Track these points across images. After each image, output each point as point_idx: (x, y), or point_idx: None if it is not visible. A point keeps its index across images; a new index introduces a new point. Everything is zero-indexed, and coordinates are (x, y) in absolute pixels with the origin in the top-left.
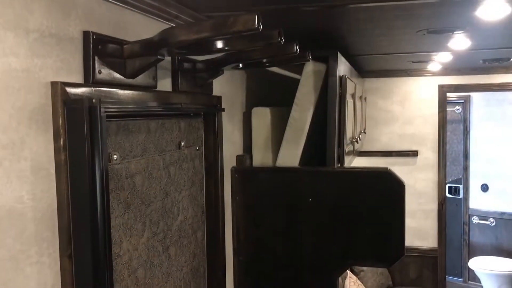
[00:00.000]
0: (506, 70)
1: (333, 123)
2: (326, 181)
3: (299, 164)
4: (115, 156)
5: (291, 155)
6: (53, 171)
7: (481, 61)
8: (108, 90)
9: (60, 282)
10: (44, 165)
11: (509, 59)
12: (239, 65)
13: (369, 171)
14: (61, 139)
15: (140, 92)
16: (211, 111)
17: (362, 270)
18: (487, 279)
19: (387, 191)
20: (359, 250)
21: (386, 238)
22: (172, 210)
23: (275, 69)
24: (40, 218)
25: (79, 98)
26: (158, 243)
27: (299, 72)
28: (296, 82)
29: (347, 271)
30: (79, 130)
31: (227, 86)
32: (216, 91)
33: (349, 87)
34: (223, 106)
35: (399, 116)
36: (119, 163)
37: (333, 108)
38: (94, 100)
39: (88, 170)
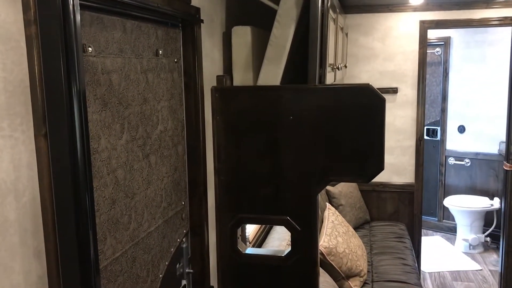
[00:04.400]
0: (486, 5)
1: (315, 40)
2: (307, 99)
3: (281, 83)
4: (90, 48)
5: (272, 74)
6: (23, 45)
7: None
8: None
9: (35, 161)
10: (13, 36)
11: None
12: None
13: (350, 87)
14: (31, 11)
15: None
16: (190, 19)
17: (341, 204)
18: (460, 216)
19: (368, 106)
20: (339, 165)
21: (366, 153)
22: (152, 118)
23: None
24: (11, 91)
25: None
26: (137, 148)
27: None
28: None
29: (327, 203)
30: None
31: (206, 0)
32: (194, 2)
33: (332, 12)
34: (202, 18)
35: (379, 53)
36: (95, 56)
37: (315, 25)
38: None
39: (61, 46)
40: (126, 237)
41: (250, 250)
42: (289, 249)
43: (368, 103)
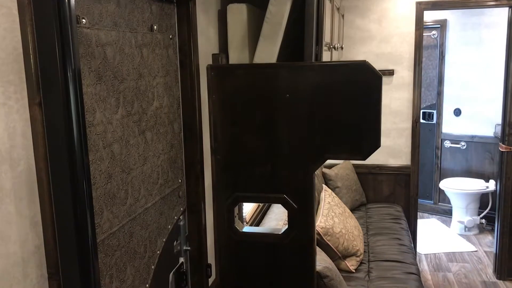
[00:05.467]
0: None
1: (311, 17)
2: (303, 76)
3: (277, 61)
4: (83, 20)
5: (268, 52)
6: (15, 12)
7: None
8: None
9: (30, 130)
10: (5, 3)
11: None
12: None
13: (346, 64)
14: None
15: None
16: None
17: (337, 187)
18: (456, 198)
19: (364, 83)
20: (336, 143)
21: (362, 131)
22: (147, 94)
23: None
24: (4, 59)
25: None
26: (133, 124)
27: None
28: None
29: (323, 185)
30: None
31: None
32: None
33: None
34: None
35: (376, 34)
36: (88, 28)
37: (312, 2)
38: None
39: (54, 14)
40: (123, 212)
41: (247, 229)
42: (286, 227)
43: (365, 80)
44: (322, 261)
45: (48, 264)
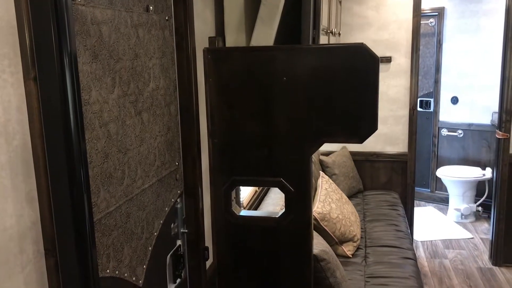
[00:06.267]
0: None
1: (308, 0)
2: (300, 59)
3: (274, 44)
4: None
5: (265, 35)
6: None
7: None
8: None
9: (25, 105)
10: None
11: None
12: None
13: (343, 46)
14: None
15: None
16: None
17: (335, 174)
18: (453, 186)
19: (361, 66)
20: (333, 126)
21: (359, 114)
22: (143, 75)
23: None
24: None
25: None
26: (130, 105)
27: None
28: None
29: (320, 171)
30: None
31: None
32: None
33: None
34: None
35: (373, 21)
36: (84, 5)
37: None
38: None
39: None
40: (120, 192)
41: (244, 212)
42: (283, 211)
43: (362, 63)
44: (319, 245)
45: (44, 240)
